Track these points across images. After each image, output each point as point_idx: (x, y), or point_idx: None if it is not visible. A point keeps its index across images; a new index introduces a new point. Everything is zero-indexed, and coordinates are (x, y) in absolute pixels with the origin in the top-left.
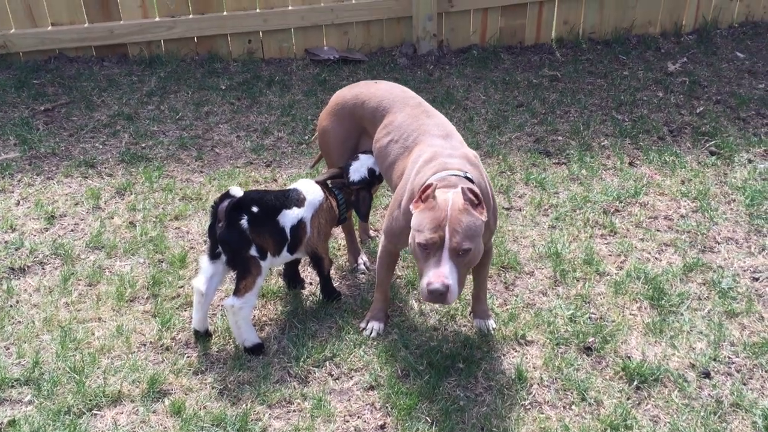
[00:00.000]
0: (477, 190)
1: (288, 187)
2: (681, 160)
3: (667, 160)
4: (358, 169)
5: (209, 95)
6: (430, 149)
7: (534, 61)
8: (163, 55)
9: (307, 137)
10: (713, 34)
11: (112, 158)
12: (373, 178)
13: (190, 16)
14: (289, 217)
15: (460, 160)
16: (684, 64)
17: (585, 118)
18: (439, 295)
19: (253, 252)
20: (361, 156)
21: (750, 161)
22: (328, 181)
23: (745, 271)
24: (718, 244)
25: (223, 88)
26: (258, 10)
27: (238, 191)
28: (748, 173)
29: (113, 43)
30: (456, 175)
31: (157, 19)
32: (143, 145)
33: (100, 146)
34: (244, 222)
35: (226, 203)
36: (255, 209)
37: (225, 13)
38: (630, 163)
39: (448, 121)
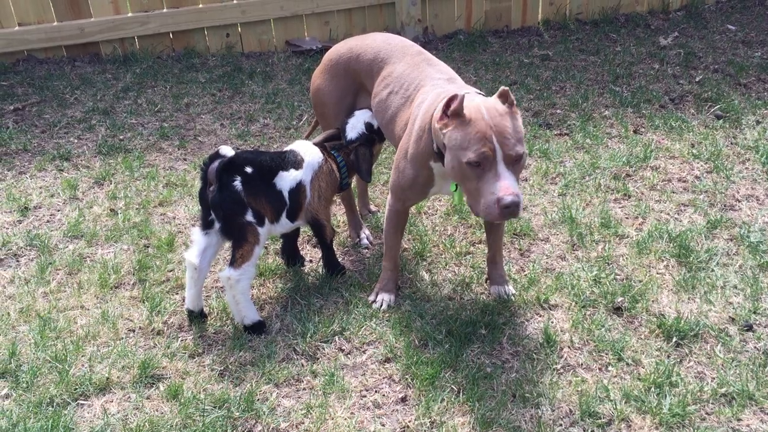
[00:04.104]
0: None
1: (284, 149)
2: (688, 125)
3: (673, 125)
4: (355, 126)
5: (188, 88)
6: (435, 90)
7: (522, 44)
8: (138, 53)
9: (294, 122)
10: (701, 10)
11: (88, 151)
12: (372, 133)
13: (165, 10)
14: (286, 179)
15: (472, 88)
16: (676, 38)
17: (582, 92)
18: (515, 208)
19: (249, 217)
20: (357, 112)
21: (758, 122)
22: (326, 144)
23: None
24: (739, 201)
25: (203, 81)
26: (235, 2)
27: (228, 150)
28: (759, 133)
29: (84, 42)
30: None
31: (129, 14)
32: (121, 137)
33: (75, 140)
34: (237, 184)
35: (216, 164)
36: (249, 170)
37: (201, 6)
38: (635, 131)
39: (450, 68)
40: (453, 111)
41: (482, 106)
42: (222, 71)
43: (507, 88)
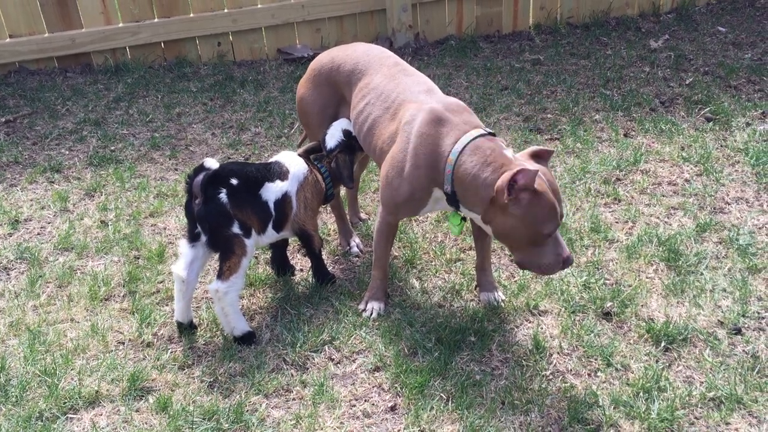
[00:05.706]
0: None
1: (269, 160)
2: (678, 127)
3: (664, 128)
4: (333, 135)
5: (180, 98)
6: (425, 108)
7: (514, 48)
8: (130, 63)
9: (286, 130)
10: (692, 12)
11: (79, 162)
12: (350, 139)
13: (156, 20)
14: (272, 190)
15: (466, 116)
16: (666, 41)
17: (573, 96)
18: (571, 263)
19: (235, 229)
20: (334, 123)
21: (748, 124)
22: (311, 156)
23: (760, 228)
24: (728, 204)
25: (195, 90)
26: (226, 10)
27: (213, 163)
28: (748, 135)
29: (76, 53)
30: (482, 136)
31: (120, 25)
32: (112, 148)
33: (66, 152)
34: (222, 196)
35: (201, 177)
36: (234, 181)
37: (192, 15)
38: (625, 135)
39: (427, 78)
40: (525, 186)
41: (542, 175)
42: (213, 80)
43: (552, 150)
